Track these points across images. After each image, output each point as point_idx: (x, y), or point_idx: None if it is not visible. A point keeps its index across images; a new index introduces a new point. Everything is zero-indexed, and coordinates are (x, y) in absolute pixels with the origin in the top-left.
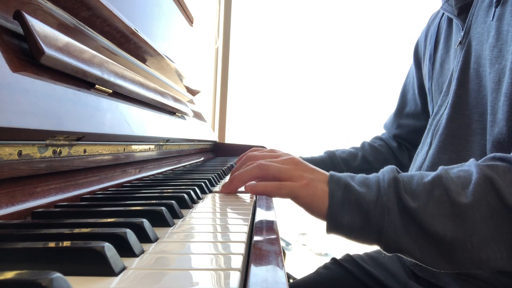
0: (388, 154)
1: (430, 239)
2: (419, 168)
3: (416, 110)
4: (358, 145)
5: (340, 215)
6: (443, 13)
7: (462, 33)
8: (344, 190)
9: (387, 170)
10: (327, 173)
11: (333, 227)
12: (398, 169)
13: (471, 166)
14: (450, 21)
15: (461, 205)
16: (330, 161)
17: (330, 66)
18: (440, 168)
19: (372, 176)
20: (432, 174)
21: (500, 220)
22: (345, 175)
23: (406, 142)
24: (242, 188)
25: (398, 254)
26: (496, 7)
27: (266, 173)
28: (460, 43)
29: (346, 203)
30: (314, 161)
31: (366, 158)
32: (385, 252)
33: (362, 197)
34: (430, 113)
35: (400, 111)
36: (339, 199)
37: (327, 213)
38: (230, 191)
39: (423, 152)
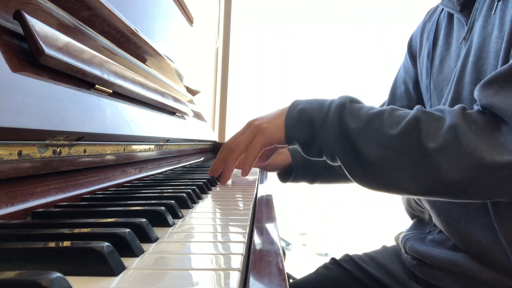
0: None
1: (357, 156)
2: None
3: (409, 106)
4: None
5: (294, 130)
6: (442, 9)
7: (466, 29)
8: (299, 112)
9: (342, 96)
10: (287, 107)
11: (289, 139)
12: (356, 99)
13: (414, 109)
14: (450, 17)
15: (387, 135)
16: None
17: (330, 65)
18: (390, 106)
19: (329, 99)
20: (380, 108)
21: (414, 156)
22: (305, 100)
23: None
24: (240, 188)
25: (397, 253)
26: (499, 1)
27: (239, 151)
28: (464, 39)
29: (299, 122)
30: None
31: None
32: (329, 162)
33: (313, 117)
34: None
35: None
36: (295, 119)
37: (284, 130)
38: (224, 183)
39: None
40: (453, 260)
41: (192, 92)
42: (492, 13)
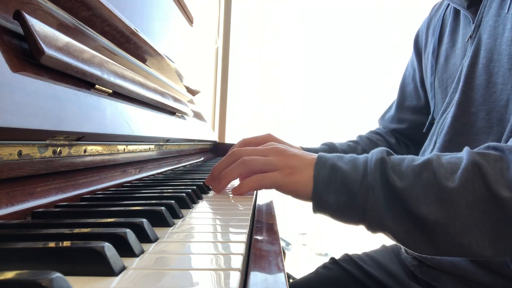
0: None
1: (414, 220)
2: None
3: (418, 104)
4: (354, 139)
5: (326, 194)
6: (448, 4)
7: (473, 27)
8: (330, 170)
9: (376, 151)
10: (315, 155)
11: (319, 207)
12: (390, 151)
13: (463, 153)
14: (456, 13)
15: (447, 189)
16: (331, 152)
17: (331, 65)
18: (433, 153)
19: (362, 156)
20: (423, 158)
21: (485, 207)
22: (333, 155)
23: (405, 138)
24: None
25: (396, 253)
26: None
27: (251, 169)
28: (470, 37)
29: (332, 182)
30: (314, 151)
31: (366, 152)
32: (369, 231)
33: (348, 176)
34: (431, 109)
35: (400, 105)
36: (325, 179)
37: (312, 193)
38: (219, 191)
39: (429, 151)
40: (454, 262)
41: (192, 92)
42: (506, 12)
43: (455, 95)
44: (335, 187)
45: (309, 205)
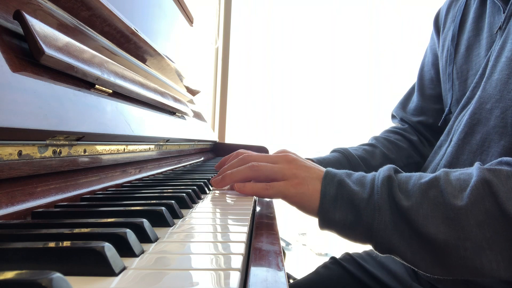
0: (410, 149)
1: (422, 240)
2: (436, 165)
3: (439, 94)
4: (367, 141)
5: (332, 211)
6: None
7: (504, 17)
8: (337, 186)
9: (384, 169)
10: (323, 170)
11: (325, 223)
12: (398, 169)
13: (473, 169)
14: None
15: (455, 207)
16: (347, 161)
17: (331, 65)
18: (442, 170)
19: (370, 174)
20: (431, 175)
21: (497, 227)
22: (341, 171)
23: (428, 133)
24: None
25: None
26: None
27: (258, 174)
28: (500, 28)
29: (339, 200)
30: (328, 162)
31: (386, 155)
32: (377, 252)
33: (355, 194)
34: (448, 102)
35: (422, 95)
36: (332, 195)
37: (319, 208)
38: (219, 187)
39: (443, 148)
40: None
41: (192, 92)
42: None
43: (478, 90)
44: (342, 204)
45: None
